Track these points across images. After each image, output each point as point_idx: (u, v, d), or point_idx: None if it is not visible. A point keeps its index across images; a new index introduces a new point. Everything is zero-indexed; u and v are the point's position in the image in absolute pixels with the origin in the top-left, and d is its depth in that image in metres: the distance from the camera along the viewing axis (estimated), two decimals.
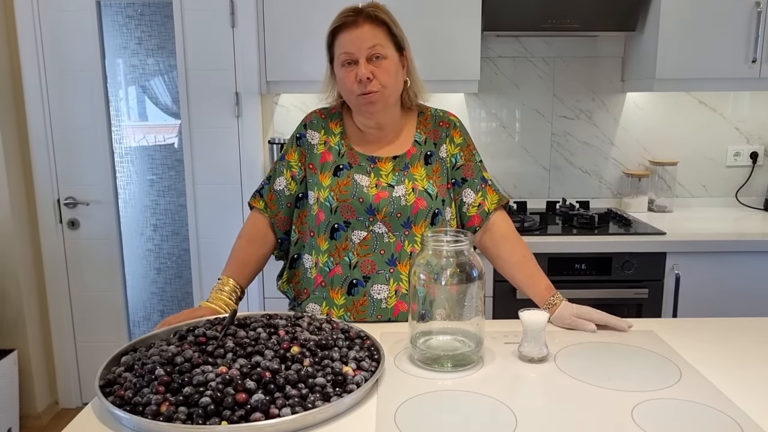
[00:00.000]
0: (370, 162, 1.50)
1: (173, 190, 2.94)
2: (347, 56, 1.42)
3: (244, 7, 2.63)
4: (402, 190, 1.47)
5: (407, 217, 1.46)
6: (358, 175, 1.48)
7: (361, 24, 1.41)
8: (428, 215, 1.47)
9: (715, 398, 1.05)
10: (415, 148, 1.53)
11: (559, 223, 2.54)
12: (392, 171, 1.49)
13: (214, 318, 1.32)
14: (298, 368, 1.05)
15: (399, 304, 1.46)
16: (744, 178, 2.93)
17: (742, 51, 2.47)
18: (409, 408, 1.03)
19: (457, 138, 1.57)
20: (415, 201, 1.46)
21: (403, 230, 1.46)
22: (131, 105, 2.90)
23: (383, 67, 1.42)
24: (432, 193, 1.48)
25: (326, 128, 1.56)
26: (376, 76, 1.41)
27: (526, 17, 2.49)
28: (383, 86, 1.42)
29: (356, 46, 1.40)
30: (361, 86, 1.41)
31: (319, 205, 1.49)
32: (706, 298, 2.32)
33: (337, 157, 1.51)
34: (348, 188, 1.46)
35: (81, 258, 2.90)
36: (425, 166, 1.52)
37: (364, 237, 1.46)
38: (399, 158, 1.51)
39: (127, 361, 1.13)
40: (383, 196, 1.46)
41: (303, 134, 1.57)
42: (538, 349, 1.21)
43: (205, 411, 0.94)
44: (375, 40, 1.41)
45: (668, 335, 1.34)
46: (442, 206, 1.50)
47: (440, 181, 1.52)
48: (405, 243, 1.47)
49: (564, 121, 2.91)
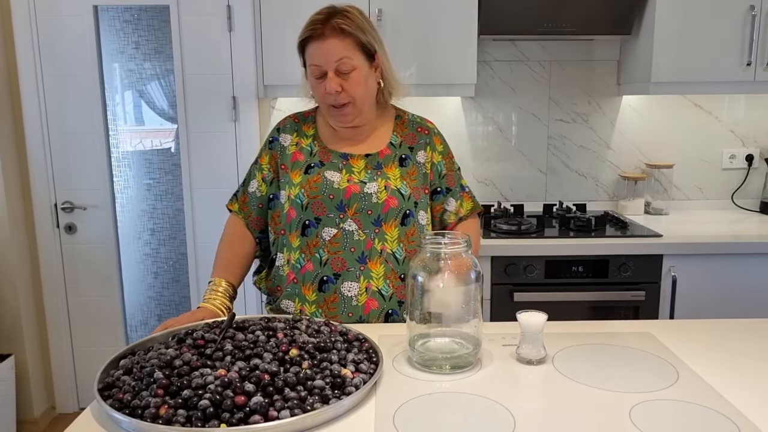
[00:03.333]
0: (343, 159, 1.51)
1: (170, 195, 2.93)
2: (316, 68, 1.43)
3: (241, 12, 2.64)
4: (374, 187, 1.47)
5: (378, 215, 1.47)
6: (330, 172, 1.49)
7: (328, 36, 1.40)
8: (399, 215, 1.48)
9: (713, 399, 1.05)
10: (390, 149, 1.53)
11: (556, 225, 2.55)
12: (365, 168, 1.50)
13: (212, 321, 1.32)
14: (296, 371, 1.05)
15: (369, 301, 1.46)
16: (740, 181, 2.94)
17: (737, 54, 2.48)
18: (408, 410, 1.03)
19: (439, 145, 1.59)
20: (387, 199, 1.47)
21: (373, 228, 1.47)
22: (128, 109, 2.90)
23: (352, 79, 1.42)
24: (405, 194, 1.49)
25: (299, 131, 1.58)
26: (345, 89, 1.42)
27: (523, 21, 2.50)
28: (353, 98, 1.43)
29: (323, 59, 1.41)
30: (331, 98, 1.43)
31: (290, 203, 1.50)
32: (702, 300, 2.33)
33: (308, 157, 1.53)
34: (318, 185, 1.47)
35: (78, 262, 2.89)
36: (400, 168, 1.52)
37: (334, 234, 1.46)
38: (372, 156, 1.52)
39: (125, 364, 1.13)
40: (354, 190, 1.46)
41: (276, 138, 1.59)
42: (536, 351, 1.21)
43: (204, 414, 0.94)
44: (342, 53, 1.40)
45: (665, 337, 1.34)
46: (414, 208, 1.51)
47: (414, 183, 1.52)
48: (375, 241, 1.47)
49: (560, 124, 2.92)
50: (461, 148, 2.92)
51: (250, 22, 2.60)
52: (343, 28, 1.41)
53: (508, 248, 2.29)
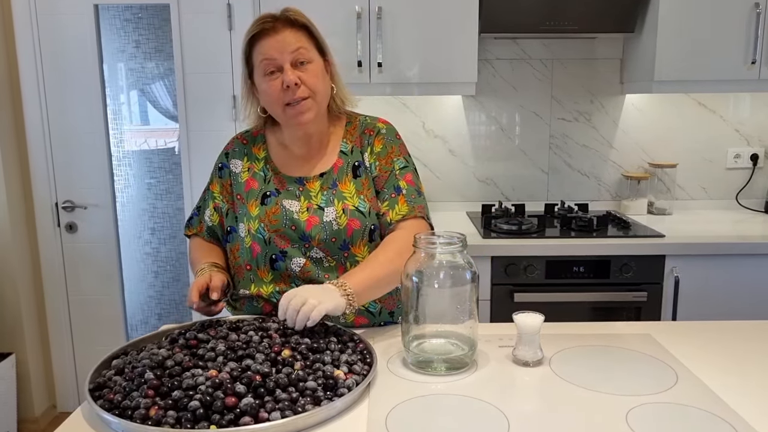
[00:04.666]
0: (299, 185, 1.43)
1: (171, 194, 2.93)
2: (269, 63, 1.33)
3: (241, 10, 2.63)
4: (332, 214, 1.39)
5: (343, 240, 1.39)
6: (287, 201, 1.41)
7: (281, 29, 1.34)
8: (364, 234, 1.40)
9: (712, 402, 1.04)
10: (342, 159, 1.45)
11: (558, 225, 2.53)
12: (320, 190, 1.42)
13: (206, 321, 1.31)
14: (288, 372, 1.04)
15: (358, 319, 1.42)
16: (744, 181, 2.92)
17: (741, 52, 2.46)
18: (401, 412, 1.01)
19: (377, 146, 1.46)
20: (348, 223, 1.38)
21: (341, 253, 1.40)
22: (132, 109, 2.89)
23: (310, 71, 1.35)
24: (364, 211, 1.41)
25: (249, 154, 1.48)
26: (304, 81, 1.33)
27: (524, 19, 2.48)
28: (313, 92, 1.35)
29: (278, 50, 1.32)
30: (289, 93, 1.33)
31: (252, 237, 1.41)
32: (705, 301, 2.30)
33: (263, 184, 1.44)
34: (277, 216, 1.39)
35: (79, 261, 2.89)
36: (354, 180, 1.43)
37: (303, 264, 1.39)
38: (326, 175, 1.43)
39: (117, 364, 1.12)
40: (314, 222, 1.38)
41: (225, 164, 1.49)
42: (532, 353, 1.19)
43: (194, 415, 0.93)
44: (298, 44, 1.34)
45: (665, 339, 1.32)
46: (377, 220, 1.43)
47: (371, 193, 1.44)
48: (347, 265, 1.40)
49: (562, 123, 2.90)
50: (462, 147, 2.90)
51: (250, 20, 2.56)
52: (295, 20, 1.35)
53: (508, 248, 2.27)
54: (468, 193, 2.94)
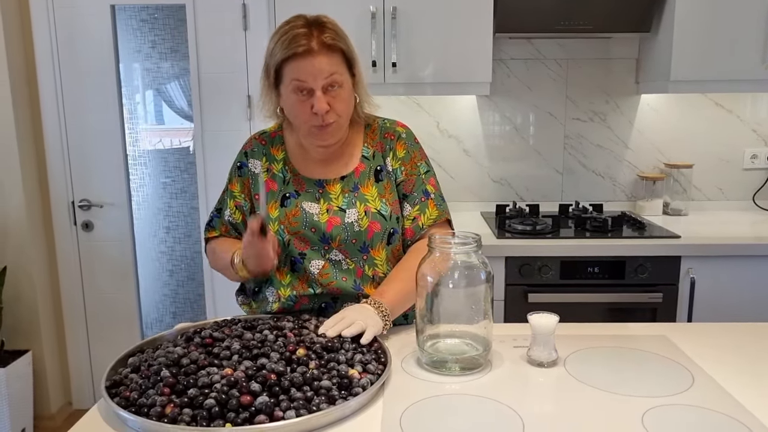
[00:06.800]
0: (318, 187, 1.43)
1: (186, 193, 2.95)
2: (301, 84, 1.30)
3: (256, 10, 2.64)
4: (354, 215, 1.39)
5: (363, 242, 1.39)
6: (307, 203, 1.41)
7: (317, 53, 1.29)
8: (384, 237, 1.41)
9: (728, 405, 1.03)
10: (364, 164, 1.45)
11: (572, 226, 2.52)
12: (341, 193, 1.42)
13: (221, 320, 1.32)
14: (303, 371, 1.04)
15: None
16: (761, 181, 2.88)
17: (758, 52, 2.43)
18: (415, 412, 1.02)
19: (400, 151, 1.47)
20: (369, 225, 1.39)
21: (360, 255, 1.41)
22: (148, 109, 2.92)
23: (340, 96, 1.33)
24: (386, 214, 1.41)
25: (267, 155, 1.47)
26: (333, 107, 1.32)
27: (539, 19, 2.47)
28: (339, 116, 1.34)
29: (312, 75, 1.29)
30: (317, 118, 1.32)
31: None
32: (721, 302, 2.28)
33: (282, 185, 1.44)
34: (298, 219, 1.39)
35: (95, 260, 2.92)
36: (376, 184, 1.44)
37: (322, 266, 1.40)
38: (347, 178, 1.43)
39: (133, 362, 1.13)
40: (335, 223, 1.39)
41: (244, 163, 1.49)
42: (547, 354, 1.19)
43: (210, 413, 0.94)
44: (332, 69, 1.30)
45: (681, 340, 1.31)
46: (397, 224, 1.43)
47: (392, 197, 1.44)
48: (365, 268, 1.41)
49: (577, 123, 2.88)
50: (477, 148, 2.90)
51: (265, 20, 2.60)
52: (331, 44, 1.31)
53: (522, 248, 2.27)
54: (482, 193, 2.93)
